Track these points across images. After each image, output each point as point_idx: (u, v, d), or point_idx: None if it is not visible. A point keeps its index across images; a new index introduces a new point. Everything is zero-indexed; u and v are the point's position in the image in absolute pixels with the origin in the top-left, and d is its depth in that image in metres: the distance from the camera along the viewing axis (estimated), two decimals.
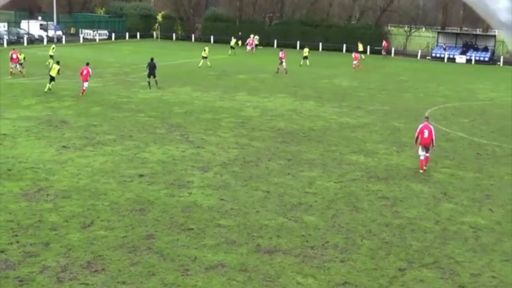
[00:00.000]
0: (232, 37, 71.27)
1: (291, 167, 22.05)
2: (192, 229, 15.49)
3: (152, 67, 39.55)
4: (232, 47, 67.14)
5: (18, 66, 42.71)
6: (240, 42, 72.97)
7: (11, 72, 42.67)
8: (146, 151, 23.36)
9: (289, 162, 22.77)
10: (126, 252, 13.83)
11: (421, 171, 22.20)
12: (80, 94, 35.76)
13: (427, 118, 23.41)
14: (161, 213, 16.55)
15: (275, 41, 78.03)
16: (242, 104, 35.29)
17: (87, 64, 36.80)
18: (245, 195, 18.56)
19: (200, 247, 14.33)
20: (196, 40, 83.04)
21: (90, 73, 36.47)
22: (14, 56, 42.95)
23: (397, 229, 16.21)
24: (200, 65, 52.96)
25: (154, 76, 39.66)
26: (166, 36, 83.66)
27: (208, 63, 52.86)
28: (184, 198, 17.99)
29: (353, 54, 59.11)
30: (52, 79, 36.51)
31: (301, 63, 57.34)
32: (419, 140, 22.07)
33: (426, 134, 21.89)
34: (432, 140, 22.08)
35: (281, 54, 51.44)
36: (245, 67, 54.75)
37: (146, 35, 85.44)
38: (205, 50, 53.54)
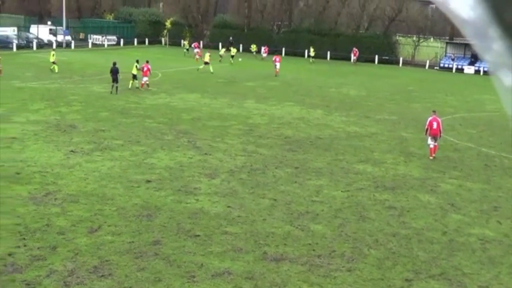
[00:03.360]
0: (220, 45, 71.63)
1: (298, 175, 22.04)
2: (198, 235, 15.49)
3: (115, 72, 38.50)
4: (221, 56, 65.58)
5: None
6: (231, 50, 70.92)
7: None
8: (154, 157, 23.39)
9: (296, 170, 22.76)
10: (133, 258, 13.84)
11: (430, 157, 25.54)
12: (140, 88, 40.67)
13: (434, 111, 26.25)
14: (168, 219, 16.56)
15: (283, 49, 78.18)
16: (250, 112, 35.33)
17: (147, 61, 41.97)
18: (252, 202, 18.56)
19: (207, 254, 14.33)
20: (204, 46, 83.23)
21: (150, 70, 41.36)
22: None
23: (404, 240, 16.16)
24: (200, 68, 53.77)
25: (117, 82, 38.48)
26: (174, 43, 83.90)
27: (211, 69, 53.10)
28: (191, 204, 18.00)
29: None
30: (134, 77, 40.54)
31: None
32: (429, 131, 25.32)
33: (435, 126, 25.14)
34: (440, 130, 25.37)
35: (275, 58, 55.59)
36: (253, 75, 54.82)
37: (155, 41, 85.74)
38: (209, 56, 54.27)
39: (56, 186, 19.00)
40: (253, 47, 72.66)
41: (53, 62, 48.86)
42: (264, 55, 70.90)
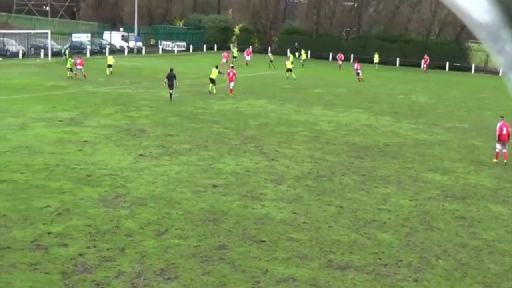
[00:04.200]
0: (231, 46, 71.68)
1: (365, 183, 21.80)
2: (264, 241, 15.51)
3: (171, 78, 38.39)
4: (235, 57, 64.68)
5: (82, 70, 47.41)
6: (299, 55, 70.73)
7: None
8: (221, 162, 23.60)
9: (363, 178, 22.52)
10: (199, 261, 13.97)
11: (494, 160, 25.52)
12: (230, 94, 41.60)
13: (502, 116, 25.92)
14: (234, 224, 16.65)
15: (352, 56, 77.58)
16: (317, 118, 35.21)
17: (232, 67, 44.08)
18: (318, 209, 18.46)
19: (272, 260, 14.33)
20: (272, 53, 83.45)
21: (236, 75, 42.60)
22: (78, 61, 48.24)
23: (474, 251, 15.74)
24: (287, 76, 54.22)
25: (173, 88, 38.31)
26: (242, 49, 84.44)
27: (294, 75, 53.81)
28: (257, 210, 18.05)
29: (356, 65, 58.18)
30: (212, 81, 41.35)
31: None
32: (498, 137, 25.28)
33: (504, 131, 24.96)
34: (509, 135, 25.07)
35: (356, 65, 55.93)
36: (321, 81, 54.64)
37: (224, 47, 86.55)
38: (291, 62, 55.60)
39: (126, 189, 19.41)
40: (303, 55, 71.15)
41: (109, 65, 50.75)
42: (340, 62, 69.27)
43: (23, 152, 23.56)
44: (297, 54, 70.86)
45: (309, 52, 78.16)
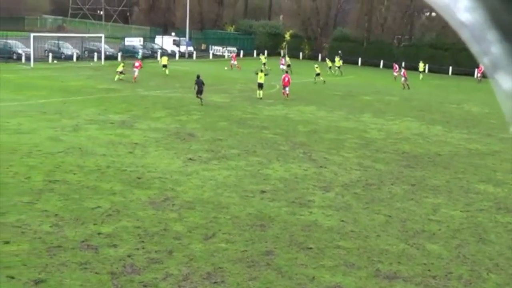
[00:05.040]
0: (260, 54, 71.26)
1: (415, 193, 21.50)
2: (311, 248, 15.43)
3: (200, 85, 38.67)
4: (264, 64, 62.75)
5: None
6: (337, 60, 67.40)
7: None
8: (269, 168, 23.60)
9: (413, 187, 22.20)
10: (245, 266, 13.98)
11: None
12: (286, 97, 42.79)
13: None
14: (281, 230, 16.61)
15: (403, 63, 76.70)
16: (366, 126, 34.91)
17: (287, 72, 47.14)
18: (366, 218, 18.28)
19: (319, 267, 14.24)
20: (322, 59, 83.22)
21: (290, 80, 43.61)
22: (137, 64, 50.09)
23: None
24: (316, 81, 54.88)
25: (201, 93, 38.59)
26: (292, 55, 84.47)
27: (322, 78, 54.79)
28: (305, 217, 17.98)
29: (400, 70, 57.57)
30: (260, 86, 41.90)
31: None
32: None
33: None
34: None
35: (402, 72, 56.80)
36: (371, 89, 54.22)
37: (274, 53, 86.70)
38: (317, 67, 56.13)
39: (174, 192, 19.58)
40: (337, 61, 67.32)
41: (164, 66, 51.81)
42: (395, 73, 64.05)
43: (76, 153, 24.02)
44: (336, 59, 67.87)
45: (359, 59, 77.61)
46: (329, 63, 66.07)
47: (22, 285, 12.40)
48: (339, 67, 65.00)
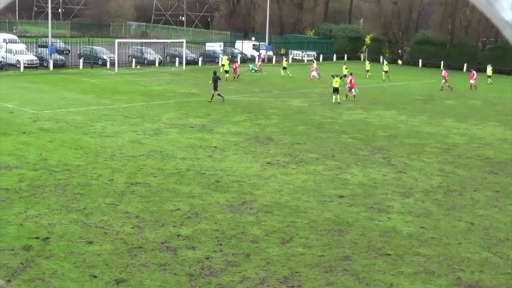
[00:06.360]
0: (284, 58, 67.46)
1: (498, 199, 20.82)
2: (389, 254, 15.20)
3: (215, 81, 40.03)
4: (284, 68, 60.51)
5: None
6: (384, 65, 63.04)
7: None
8: (348, 172, 23.40)
9: (497, 194, 21.51)
10: (322, 272, 13.91)
11: None
12: (353, 98, 43.46)
13: None
14: (359, 236, 16.44)
15: (488, 67, 74.42)
16: (448, 130, 34.08)
17: (351, 74, 45.88)
18: (447, 224, 17.85)
19: (397, 274, 14.01)
20: (404, 63, 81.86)
21: (353, 82, 43.93)
22: (234, 66, 54.28)
23: None
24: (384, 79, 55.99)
25: (217, 89, 40.00)
26: (373, 59, 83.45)
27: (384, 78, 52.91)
28: (383, 222, 17.73)
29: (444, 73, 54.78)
30: (336, 90, 41.64)
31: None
32: None
33: None
34: None
35: (444, 73, 54.42)
36: (453, 93, 52.88)
37: (353, 57, 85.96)
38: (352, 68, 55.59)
39: (252, 196, 19.71)
40: (385, 66, 62.14)
41: (226, 71, 52.41)
42: (472, 81, 57.06)
43: (157, 156, 24.57)
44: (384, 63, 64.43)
45: (442, 63, 75.81)
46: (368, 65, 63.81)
47: (104, 284, 12.78)
48: (386, 72, 61.37)
